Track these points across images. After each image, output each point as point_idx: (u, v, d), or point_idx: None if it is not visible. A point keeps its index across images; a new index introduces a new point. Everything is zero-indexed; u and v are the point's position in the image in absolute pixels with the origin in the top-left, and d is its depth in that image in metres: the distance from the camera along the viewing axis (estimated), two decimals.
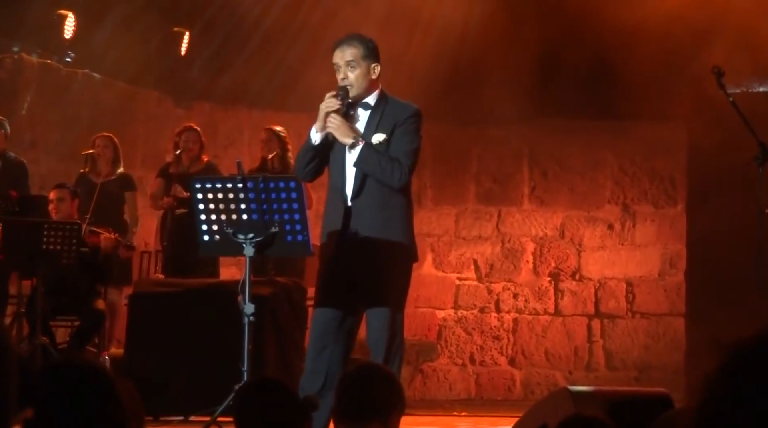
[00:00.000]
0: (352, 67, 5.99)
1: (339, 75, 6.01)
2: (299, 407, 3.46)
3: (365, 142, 5.90)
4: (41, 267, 8.60)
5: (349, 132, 5.92)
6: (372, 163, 5.89)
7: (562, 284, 11.61)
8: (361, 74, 5.99)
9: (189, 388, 7.86)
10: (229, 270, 10.32)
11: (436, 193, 11.79)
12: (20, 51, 10.84)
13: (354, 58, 5.99)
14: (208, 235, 6.12)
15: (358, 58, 5.99)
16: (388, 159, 5.91)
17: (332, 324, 5.95)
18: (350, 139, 5.89)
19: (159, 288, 8.64)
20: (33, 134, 10.99)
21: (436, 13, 10.58)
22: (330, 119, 5.90)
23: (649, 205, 11.64)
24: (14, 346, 2.04)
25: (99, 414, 2.38)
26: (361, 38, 6.09)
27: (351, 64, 5.99)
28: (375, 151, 5.91)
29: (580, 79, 10.55)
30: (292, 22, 10.84)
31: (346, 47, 6.02)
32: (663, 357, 11.37)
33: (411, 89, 8.01)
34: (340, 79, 6.00)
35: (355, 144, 5.90)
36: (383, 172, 5.90)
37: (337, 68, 6.01)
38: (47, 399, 2.37)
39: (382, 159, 5.90)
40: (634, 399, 4.73)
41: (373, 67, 6.04)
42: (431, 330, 11.67)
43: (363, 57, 6.01)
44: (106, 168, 10.16)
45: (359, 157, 5.88)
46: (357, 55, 6.00)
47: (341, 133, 5.90)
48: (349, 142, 5.89)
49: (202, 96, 11.66)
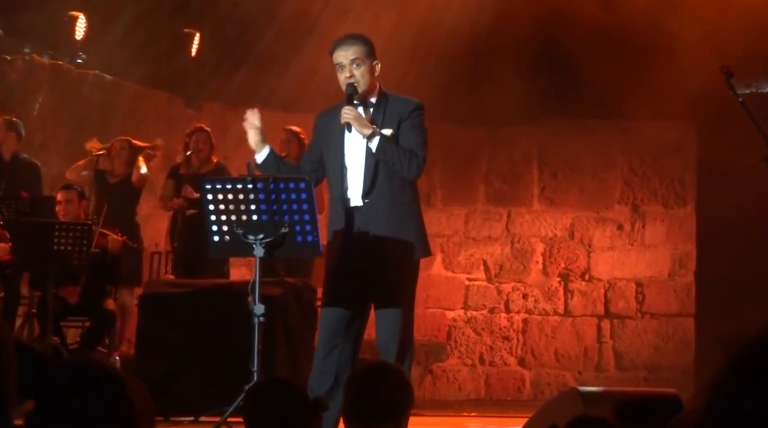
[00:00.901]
0: (357, 65, 6.01)
1: (343, 74, 6.01)
2: (309, 407, 3.46)
3: (382, 133, 5.92)
4: (52, 267, 8.62)
5: (367, 122, 5.93)
6: (392, 153, 5.90)
7: (571, 284, 11.60)
8: (366, 71, 6.02)
9: (199, 389, 7.87)
10: (239, 270, 10.34)
11: (446, 193, 11.79)
12: (31, 52, 10.88)
13: (358, 56, 6.02)
14: (218, 236, 6.13)
15: (362, 56, 6.02)
16: (406, 150, 5.93)
17: (341, 324, 5.96)
18: (369, 130, 5.89)
19: (169, 289, 8.65)
20: (44, 135, 11.02)
21: (446, 14, 10.58)
22: (346, 111, 5.90)
23: (659, 206, 11.62)
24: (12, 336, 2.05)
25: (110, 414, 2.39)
26: (362, 37, 6.13)
27: (356, 62, 6.01)
28: (393, 142, 5.93)
29: (589, 80, 10.53)
30: (302, 22, 10.85)
31: (349, 46, 6.04)
32: (673, 358, 11.36)
33: (421, 89, 8.01)
34: (345, 78, 6.01)
35: (374, 134, 5.90)
36: (401, 163, 5.92)
37: (341, 67, 6.02)
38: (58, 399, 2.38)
39: (400, 149, 5.93)
40: (644, 400, 4.72)
41: (375, 64, 6.08)
42: (441, 331, 11.67)
43: (366, 55, 6.04)
44: (120, 169, 10.21)
45: (379, 148, 5.89)
46: (361, 53, 6.03)
47: (360, 123, 5.90)
48: (368, 133, 5.89)
49: (213, 97, 11.67)
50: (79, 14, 10.56)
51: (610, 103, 10.66)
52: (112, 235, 9.23)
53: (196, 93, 11.64)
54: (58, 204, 9.28)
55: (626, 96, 10.53)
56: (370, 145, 5.91)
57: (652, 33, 10.32)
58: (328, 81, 6.94)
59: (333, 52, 6.08)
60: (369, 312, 6.06)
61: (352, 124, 5.89)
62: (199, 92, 11.63)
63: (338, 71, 6.05)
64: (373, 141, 5.90)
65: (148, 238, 10.65)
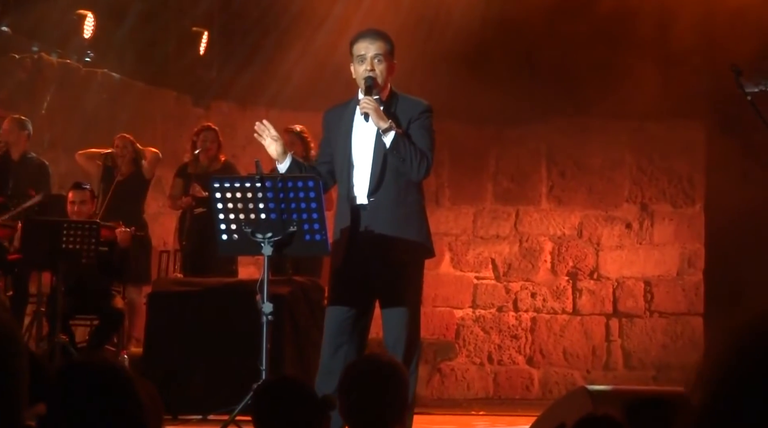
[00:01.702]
0: (379, 61, 5.98)
1: (363, 66, 5.96)
2: (318, 406, 3.46)
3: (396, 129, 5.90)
4: (61, 266, 8.63)
5: (384, 115, 5.90)
6: (405, 150, 5.87)
7: (580, 283, 11.58)
8: (385, 69, 5.99)
9: (207, 387, 7.88)
10: (248, 269, 10.34)
11: (454, 192, 11.78)
12: (40, 51, 10.90)
13: (382, 52, 5.99)
14: (226, 234, 6.13)
15: (385, 53, 6.00)
16: (418, 149, 5.91)
17: (347, 323, 5.97)
18: (386, 123, 5.86)
19: (178, 288, 8.67)
20: (52, 134, 11.04)
21: (454, 12, 10.57)
22: (366, 101, 5.86)
23: (668, 205, 11.60)
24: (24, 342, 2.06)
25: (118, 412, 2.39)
26: (387, 35, 6.11)
27: (378, 58, 5.97)
28: (408, 139, 5.91)
29: (598, 78, 10.52)
30: (310, 21, 10.85)
31: (374, 39, 6.01)
32: (681, 357, 11.34)
33: (429, 88, 8.01)
34: (365, 70, 5.96)
35: (390, 128, 5.88)
36: (412, 161, 5.89)
37: (362, 59, 5.98)
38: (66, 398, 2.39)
39: (413, 148, 5.90)
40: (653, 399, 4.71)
41: (394, 64, 6.06)
42: (449, 330, 11.66)
43: (388, 53, 6.02)
44: (126, 167, 10.20)
45: (393, 143, 5.85)
46: (384, 49, 6.01)
47: (378, 115, 5.85)
48: (384, 126, 5.85)
49: (221, 96, 11.67)
50: (87, 13, 10.57)
51: (619, 101, 10.64)
52: (120, 228, 9.21)
53: (204, 92, 11.64)
54: (70, 204, 9.26)
55: (635, 94, 10.51)
56: (384, 139, 5.87)
57: (660, 31, 10.30)
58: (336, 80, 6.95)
59: (355, 43, 6.03)
60: (373, 311, 6.06)
61: (371, 114, 5.83)
62: (207, 91, 11.63)
63: (356, 62, 6.00)
64: (387, 135, 5.86)
65: (156, 237, 10.66)
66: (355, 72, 6.04)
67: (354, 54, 6.02)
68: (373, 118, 5.84)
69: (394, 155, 5.87)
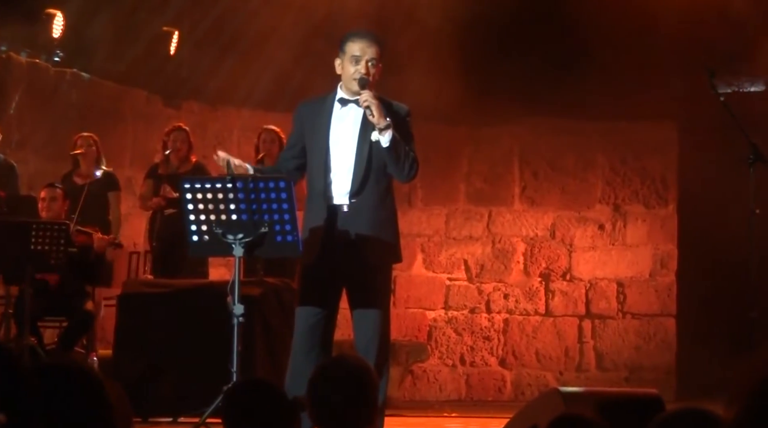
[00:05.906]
0: (373, 65, 5.97)
1: (356, 67, 5.93)
2: (288, 408, 3.43)
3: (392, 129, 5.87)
4: (29, 267, 8.55)
5: (384, 112, 5.87)
6: (400, 150, 5.87)
7: (552, 284, 11.60)
8: (376, 74, 5.99)
9: (178, 389, 7.84)
10: (219, 270, 10.30)
11: (427, 193, 11.77)
12: (8, 50, 10.81)
13: (376, 56, 5.98)
14: (197, 236, 6.09)
15: (378, 58, 5.99)
16: (410, 151, 5.90)
17: (318, 324, 5.96)
18: (385, 121, 5.83)
19: (148, 289, 8.61)
20: (21, 134, 10.95)
21: (428, 14, 10.56)
22: (368, 96, 5.83)
23: (640, 205, 11.63)
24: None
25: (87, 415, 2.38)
26: (381, 39, 6.09)
27: (372, 62, 5.96)
28: (401, 139, 5.89)
29: (571, 79, 10.53)
30: (281, 22, 10.82)
31: (371, 43, 5.99)
32: (654, 358, 11.37)
33: (402, 87, 7.98)
34: (356, 71, 5.93)
35: (389, 126, 5.85)
36: (403, 163, 5.89)
37: (356, 59, 5.94)
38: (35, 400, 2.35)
39: (407, 149, 5.90)
40: (625, 400, 4.72)
41: (380, 68, 6.04)
42: (421, 331, 11.65)
43: (380, 58, 6.01)
44: (89, 168, 10.07)
45: (393, 142, 5.82)
46: (378, 55, 5.99)
47: (379, 111, 5.81)
48: (383, 124, 5.82)
49: (192, 96, 11.63)
50: (56, 12, 10.50)
51: (592, 102, 10.66)
52: (97, 234, 9.15)
53: (175, 92, 11.60)
54: (41, 201, 9.20)
55: (608, 96, 10.53)
56: (382, 137, 5.84)
57: (631, 32, 10.32)
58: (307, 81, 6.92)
59: (350, 41, 5.99)
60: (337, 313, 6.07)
61: (373, 109, 5.79)
62: (178, 91, 11.59)
63: (348, 60, 5.96)
64: (385, 134, 5.83)
65: (126, 238, 10.58)
66: (342, 68, 6.00)
67: (346, 51, 5.98)
68: (375, 114, 5.80)
69: (391, 154, 5.85)
